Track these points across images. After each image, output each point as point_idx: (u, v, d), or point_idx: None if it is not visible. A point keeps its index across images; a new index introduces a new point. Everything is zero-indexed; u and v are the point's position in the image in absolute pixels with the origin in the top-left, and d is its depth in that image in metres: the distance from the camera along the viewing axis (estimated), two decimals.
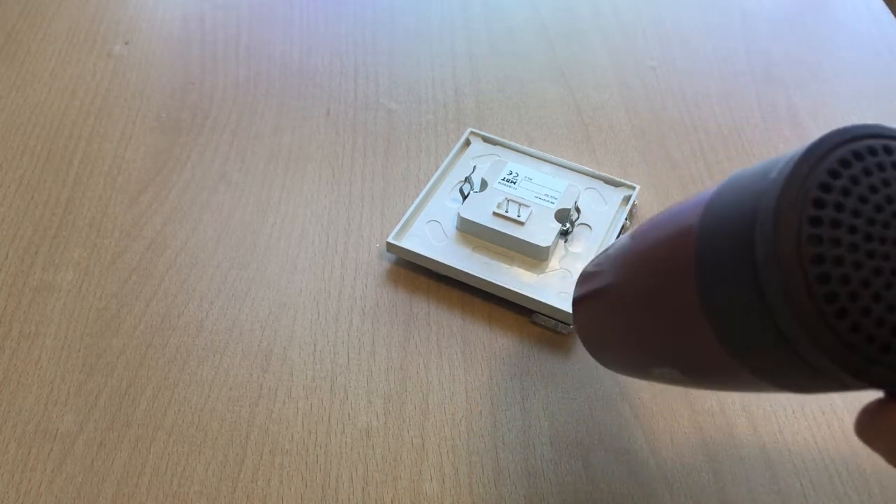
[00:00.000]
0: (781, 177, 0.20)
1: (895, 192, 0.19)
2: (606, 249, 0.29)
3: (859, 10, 0.61)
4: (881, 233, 0.19)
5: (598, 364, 0.38)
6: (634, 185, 0.44)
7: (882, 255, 0.19)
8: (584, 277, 0.30)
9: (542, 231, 0.40)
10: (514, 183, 0.43)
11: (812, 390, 0.21)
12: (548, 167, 0.45)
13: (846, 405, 0.37)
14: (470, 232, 0.41)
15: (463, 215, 0.41)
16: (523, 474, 0.34)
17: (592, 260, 0.31)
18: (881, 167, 0.20)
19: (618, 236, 0.42)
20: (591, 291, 0.29)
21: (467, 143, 0.47)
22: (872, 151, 0.20)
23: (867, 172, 0.19)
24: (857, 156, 0.20)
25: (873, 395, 0.22)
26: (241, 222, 0.43)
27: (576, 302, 0.31)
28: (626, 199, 0.44)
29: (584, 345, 0.32)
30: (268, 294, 0.40)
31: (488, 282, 0.39)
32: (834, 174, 0.19)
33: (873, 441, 0.22)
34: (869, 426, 0.22)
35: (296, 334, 0.38)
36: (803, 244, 0.19)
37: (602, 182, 0.45)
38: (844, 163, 0.19)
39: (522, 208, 0.41)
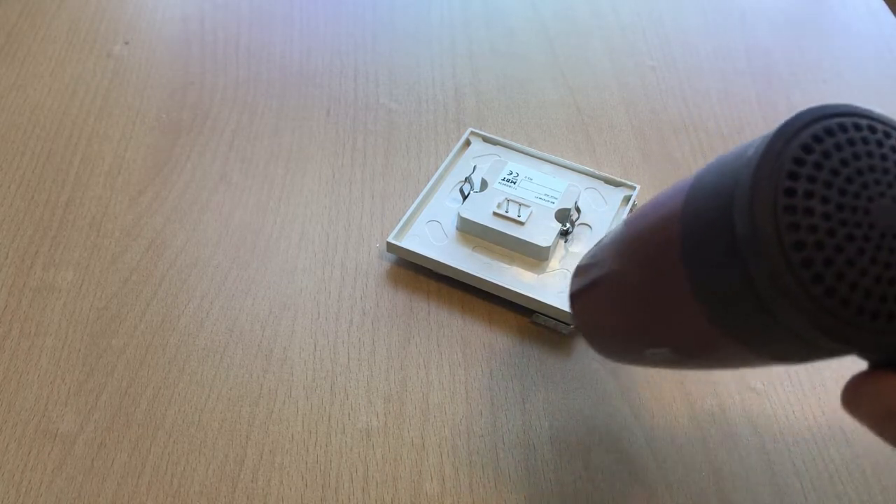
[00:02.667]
0: (757, 153, 0.21)
1: (864, 166, 0.20)
2: (600, 240, 0.30)
3: (859, 10, 0.61)
4: (852, 203, 0.20)
5: (598, 363, 0.38)
6: (634, 185, 0.44)
7: (854, 224, 0.20)
8: (580, 269, 0.31)
9: (542, 231, 0.40)
10: (514, 183, 0.43)
11: (799, 359, 0.22)
12: (548, 167, 0.45)
13: None
14: (470, 232, 0.41)
15: (463, 215, 0.41)
16: (523, 474, 0.34)
17: (587, 252, 0.31)
18: (851, 142, 0.21)
19: None
20: (588, 281, 0.30)
21: (467, 143, 0.47)
22: (843, 128, 0.21)
23: (838, 147, 0.20)
24: (829, 132, 0.21)
25: (860, 368, 0.23)
26: (241, 222, 0.43)
27: (573, 294, 0.32)
28: (626, 199, 0.44)
29: (581, 331, 0.32)
30: (268, 294, 0.40)
31: (488, 282, 0.39)
32: (807, 149, 0.20)
33: (857, 411, 0.23)
34: (853, 397, 0.23)
35: (296, 334, 0.38)
36: (779, 214, 0.20)
37: (602, 182, 0.45)
38: (817, 139, 0.21)
39: (522, 208, 0.41)
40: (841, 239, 0.20)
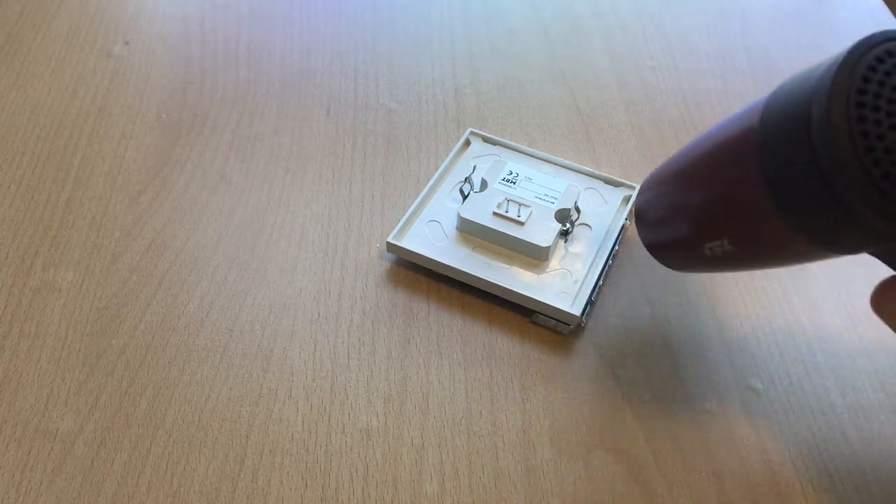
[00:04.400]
0: (830, 73, 0.25)
1: None
2: (663, 164, 0.34)
3: (859, 10, 0.61)
4: None
5: (598, 364, 0.38)
6: (634, 185, 0.44)
7: None
8: (652, 176, 0.35)
9: (542, 231, 0.40)
10: (514, 183, 0.43)
11: (849, 247, 0.26)
12: (548, 167, 0.45)
13: (846, 406, 0.37)
14: (470, 232, 0.41)
15: (463, 215, 0.41)
16: (523, 474, 0.34)
17: (653, 172, 0.36)
18: None
19: (618, 236, 0.42)
20: (659, 177, 0.34)
21: (467, 143, 0.47)
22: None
23: None
24: (890, 53, 0.25)
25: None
26: (241, 222, 0.43)
27: (641, 190, 0.36)
28: (626, 199, 0.44)
29: (641, 232, 0.36)
30: (268, 294, 0.40)
31: (488, 282, 0.39)
32: (872, 69, 0.25)
33: (883, 310, 0.27)
34: (882, 299, 0.27)
35: (296, 334, 0.38)
36: (852, 117, 0.24)
37: (602, 182, 0.45)
38: (880, 59, 0.25)
39: (522, 208, 0.41)
40: None
